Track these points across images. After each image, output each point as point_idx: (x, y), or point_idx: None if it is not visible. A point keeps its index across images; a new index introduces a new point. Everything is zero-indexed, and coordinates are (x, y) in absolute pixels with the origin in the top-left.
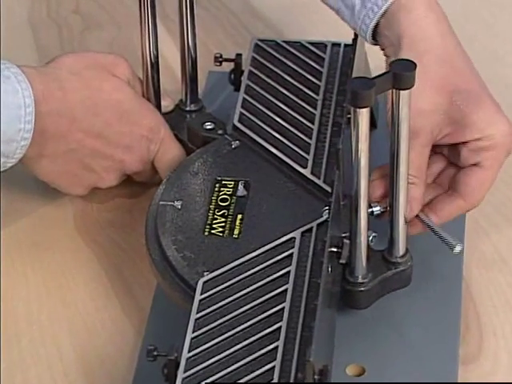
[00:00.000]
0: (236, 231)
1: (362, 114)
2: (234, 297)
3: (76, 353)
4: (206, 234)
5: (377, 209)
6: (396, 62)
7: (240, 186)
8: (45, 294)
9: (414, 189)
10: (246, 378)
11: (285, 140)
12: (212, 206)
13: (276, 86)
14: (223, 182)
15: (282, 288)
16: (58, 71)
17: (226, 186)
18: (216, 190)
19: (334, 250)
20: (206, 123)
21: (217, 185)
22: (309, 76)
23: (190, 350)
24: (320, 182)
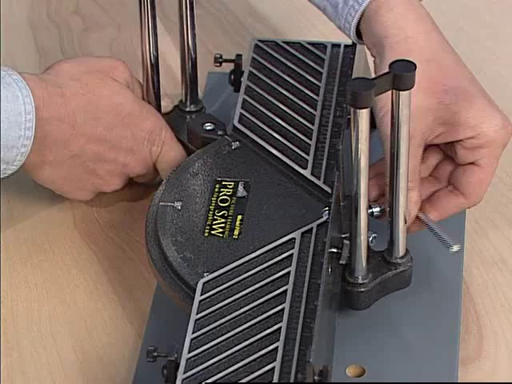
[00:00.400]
0: (236, 232)
1: (362, 114)
2: (234, 297)
3: (76, 353)
4: (206, 234)
5: (377, 209)
6: (396, 62)
7: (240, 187)
8: (45, 294)
9: (411, 193)
10: (245, 379)
11: (285, 141)
12: (212, 207)
13: (276, 86)
14: (223, 183)
15: (282, 289)
16: (58, 77)
17: (226, 186)
18: (216, 190)
19: (334, 250)
20: (206, 124)
21: (217, 185)
22: (309, 77)
23: (189, 351)
24: (320, 183)
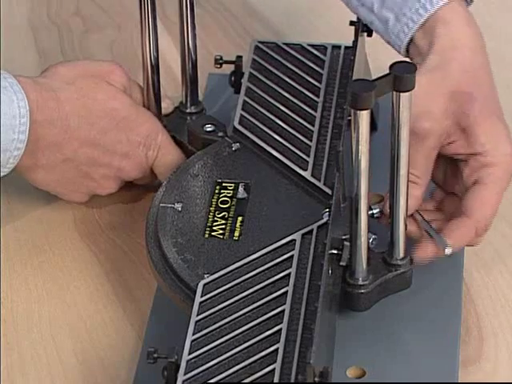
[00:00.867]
0: (236, 233)
1: (363, 116)
2: (235, 299)
3: (76, 355)
4: (207, 236)
5: (377, 211)
6: (396, 64)
7: (240, 188)
8: (45, 296)
9: (415, 188)
10: (246, 380)
11: (285, 142)
12: (212, 208)
13: (276, 88)
14: (223, 184)
15: (282, 290)
16: (53, 81)
17: (226, 188)
18: (216, 192)
19: (335, 252)
20: (207, 125)
21: (217, 187)
22: (309, 78)
23: (190, 353)
24: (320, 184)
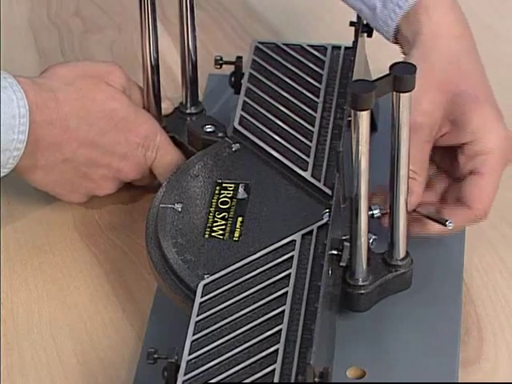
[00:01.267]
0: (236, 234)
1: (363, 116)
2: (235, 299)
3: (76, 355)
4: (207, 236)
5: (377, 211)
6: (396, 64)
7: (240, 189)
8: (45, 296)
9: (414, 183)
10: (246, 381)
11: (285, 143)
12: (212, 209)
13: (276, 88)
14: (223, 185)
15: (282, 291)
16: (52, 82)
17: (226, 188)
18: (216, 192)
19: (335, 252)
20: (207, 126)
21: (217, 187)
22: (309, 79)
23: (190, 353)
24: (320, 185)
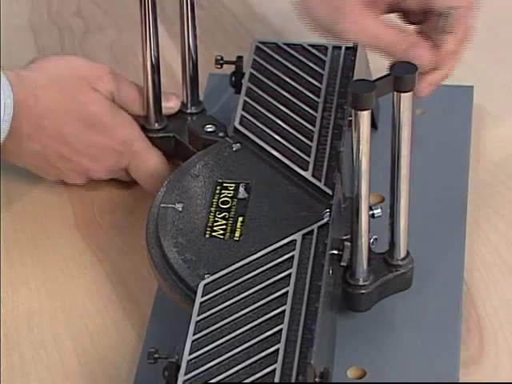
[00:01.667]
0: (237, 233)
1: (363, 116)
2: (235, 299)
3: (77, 355)
4: (207, 236)
5: (378, 211)
6: (397, 64)
7: (241, 189)
8: (45, 296)
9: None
10: (246, 381)
11: (286, 142)
12: (213, 209)
13: (277, 88)
14: (224, 185)
15: (282, 290)
16: (37, 76)
17: (226, 188)
18: (217, 192)
19: (335, 252)
20: (207, 126)
21: (218, 187)
22: (310, 78)
23: (190, 353)
24: (321, 185)
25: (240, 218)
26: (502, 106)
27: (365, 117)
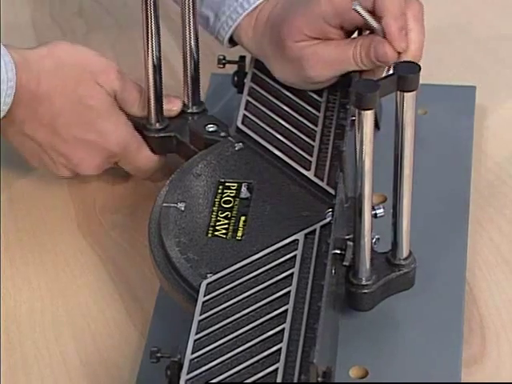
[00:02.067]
0: (239, 233)
1: (367, 116)
2: (238, 299)
3: (79, 355)
4: (210, 235)
5: (380, 211)
6: (400, 64)
7: (243, 188)
8: (47, 296)
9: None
10: (249, 380)
11: (288, 142)
12: (215, 208)
13: (279, 88)
14: (226, 184)
15: (285, 290)
16: (44, 61)
17: (229, 187)
18: (219, 191)
19: (338, 252)
20: (209, 125)
21: (220, 187)
22: None
23: (193, 352)
24: (323, 184)
25: (242, 218)
26: (504, 105)
27: (368, 116)
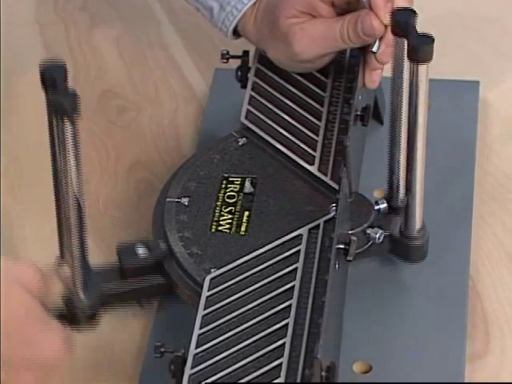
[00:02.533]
0: (243, 228)
1: (422, 69)
2: (241, 293)
3: (83, 350)
4: (213, 230)
5: (384, 205)
6: (413, 34)
7: (247, 183)
8: None
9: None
10: (253, 375)
11: (292, 137)
12: (219, 203)
13: (283, 83)
14: (230, 179)
15: (289, 285)
16: None
17: (233, 182)
18: (223, 186)
19: (342, 246)
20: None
21: (224, 182)
22: (316, 73)
23: (197, 347)
24: (327, 179)
25: (246, 213)
26: (508, 100)
27: (423, 71)
